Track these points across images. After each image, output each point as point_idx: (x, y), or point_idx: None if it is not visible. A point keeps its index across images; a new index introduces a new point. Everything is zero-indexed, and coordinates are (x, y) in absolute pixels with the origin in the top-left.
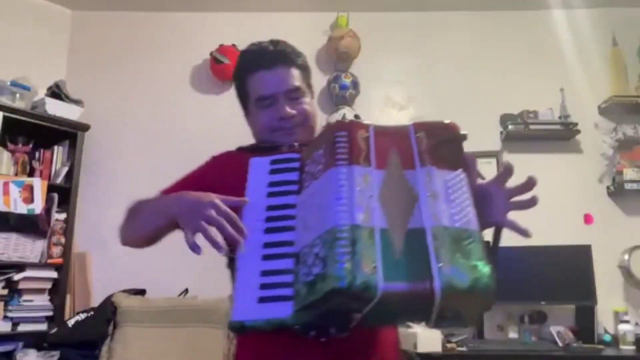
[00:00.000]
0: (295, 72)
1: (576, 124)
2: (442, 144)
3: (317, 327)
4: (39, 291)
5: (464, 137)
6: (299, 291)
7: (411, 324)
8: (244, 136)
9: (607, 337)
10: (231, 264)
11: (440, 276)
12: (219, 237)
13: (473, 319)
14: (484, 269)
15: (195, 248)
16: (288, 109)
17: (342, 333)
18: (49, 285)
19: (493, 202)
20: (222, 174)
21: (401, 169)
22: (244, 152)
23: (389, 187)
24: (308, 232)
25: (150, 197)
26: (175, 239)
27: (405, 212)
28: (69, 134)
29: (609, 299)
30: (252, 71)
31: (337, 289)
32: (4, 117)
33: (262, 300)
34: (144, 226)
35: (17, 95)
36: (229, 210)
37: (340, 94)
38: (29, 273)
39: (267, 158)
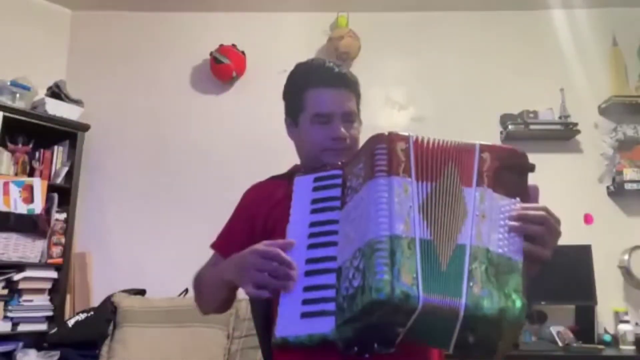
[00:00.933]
0: (353, 98)
1: (576, 124)
2: (506, 169)
3: (360, 343)
4: (39, 291)
5: (532, 168)
6: (341, 305)
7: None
8: (244, 136)
9: (607, 337)
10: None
11: (468, 296)
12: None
13: (497, 351)
14: (517, 300)
15: (261, 295)
16: (343, 131)
17: (387, 349)
18: (49, 285)
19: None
20: (255, 203)
21: (459, 184)
22: (275, 180)
23: (438, 200)
24: (350, 245)
25: (206, 267)
26: (175, 239)
27: (454, 226)
28: (69, 134)
29: (609, 299)
30: (314, 85)
31: (377, 301)
32: (4, 117)
33: (305, 315)
34: (213, 300)
35: (17, 95)
36: (272, 250)
37: None
38: (29, 273)
39: (310, 176)
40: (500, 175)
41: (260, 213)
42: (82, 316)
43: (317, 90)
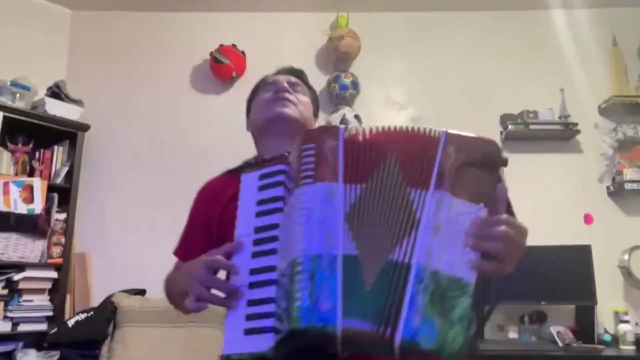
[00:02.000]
0: (302, 86)
1: (576, 124)
2: (473, 165)
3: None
4: (39, 291)
5: (505, 162)
6: (277, 323)
7: None
8: (245, 136)
9: (607, 337)
10: None
11: (405, 327)
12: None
13: None
14: (459, 333)
15: (193, 308)
16: (286, 85)
17: None
18: (49, 285)
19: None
20: (209, 204)
21: (402, 184)
22: (228, 176)
23: (371, 205)
24: (283, 258)
25: (172, 272)
26: (175, 239)
27: (391, 237)
28: (69, 134)
29: (609, 299)
30: (266, 77)
31: (297, 330)
32: (4, 117)
33: (248, 332)
34: (182, 307)
35: (17, 95)
36: (214, 261)
37: (340, 94)
38: (29, 273)
39: (256, 173)
40: (466, 173)
41: (214, 214)
42: (82, 316)
43: (269, 77)
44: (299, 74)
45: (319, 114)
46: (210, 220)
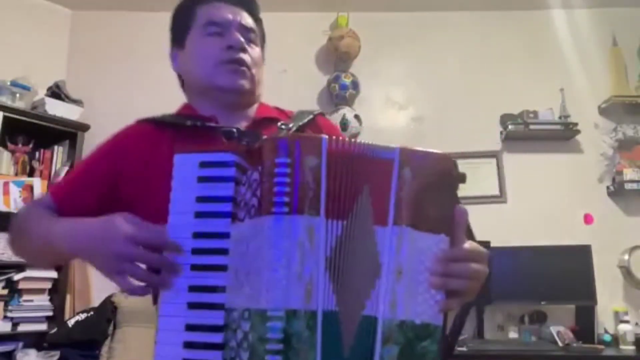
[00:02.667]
0: (253, 21)
1: (576, 124)
2: (430, 189)
3: None
4: (39, 291)
5: (463, 179)
6: None
7: None
8: None
9: (607, 337)
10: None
11: None
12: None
13: None
14: None
15: (140, 292)
16: (242, 39)
17: None
18: (49, 285)
19: None
20: (126, 158)
21: (371, 223)
22: (159, 130)
23: (348, 249)
24: (240, 288)
25: (37, 212)
26: None
27: (364, 289)
28: (69, 134)
29: (609, 299)
30: (208, 2)
31: None
32: (4, 117)
33: None
34: (39, 257)
35: (17, 95)
36: (149, 239)
37: (340, 94)
38: (29, 273)
39: (194, 156)
40: (423, 199)
41: (129, 175)
42: (82, 316)
43: (211, 4)
44: (254, 10)
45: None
46: (119, 180)
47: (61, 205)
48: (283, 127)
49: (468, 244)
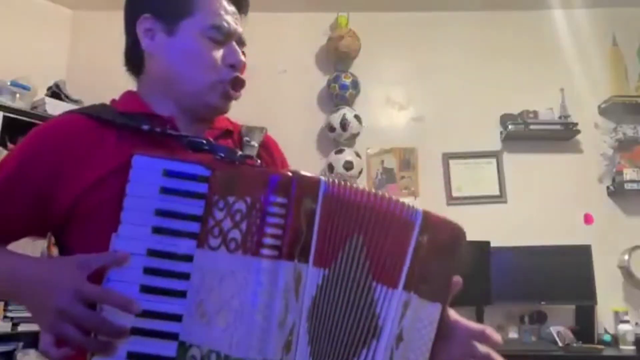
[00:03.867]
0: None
1: (576, 124)
2: (441, 259)
3: None
4: None
5: (467, 250)
6: None
7: None
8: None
9: (607, 337)
10: None
11: None
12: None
13: None
14: None
15: (59, 357)
16: (244, 59)
17: None
18: None
19: (456, 341)
20: (62, 162)
21: (370, 278)
22: (98, 124)
23: (338, 302)
24: (204, 324)
25: None
26: None
27: (349, 345)
28: None
29: (609, 299)
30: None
31: None
32: (4, 117)
33: None
34: None
35: (17, 95)
36: (100, 295)
37: (340, 94)
38: None
39: (159, 162)
40: (432, 268)
41: (67, 182)
42: None
43: (218, 12)
44: (248, 7)
45: None
46: (55, 190)
47: None
48: (249, 143)
49: (482, 327)
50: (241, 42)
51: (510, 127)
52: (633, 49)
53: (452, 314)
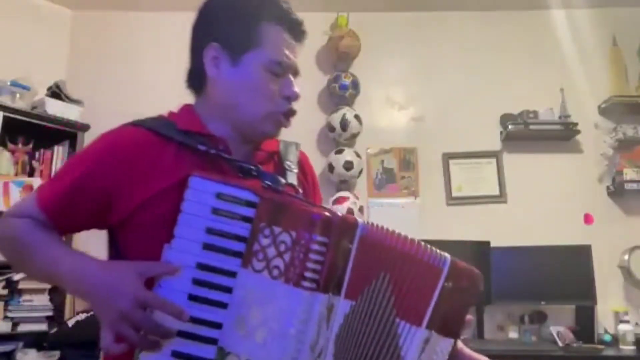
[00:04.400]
0: None
1: (576, 124)
2: (461, 303)
3: None
4: (39, 291)
5: (481, 297)
6: None
7: None
8: None
9: (607, 337)
10: None
11: None
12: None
13: None
14: None
15: (117, 352)
16: (298, 91)
17: None
18: (49, 285)
19: None
20: (126, 173)
21: (394, 314)
22: (161, 139)
23: (357, 329)
24: (243, 337)
25: (31, 229)
26: None
27: None
28: (69, 134)
29: (609, 299)
30: (277, 23)
31: None
32: (4, 117)
33: None
34: (36, 277)
35: (17, 95)
36: (155, 302)
37: (340, 94)
38: None
39: (213, 185)
40: (452, 310)
41: (130, 189)
42: (82, 316)
43: (281, 32)
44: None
45: None
46: (116, 199)
47: (53, 221)
48: (290, 169)
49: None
50: (296, 73)
51: (510, 127)
52: (633, 49)
53: (458, 342)
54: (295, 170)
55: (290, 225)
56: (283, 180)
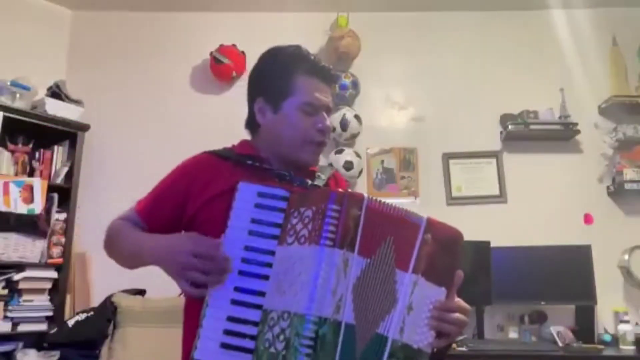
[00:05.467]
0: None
1: (576, 124)
2: (443, 253)
3: None
4: (39, 291)
5: (465, 251)
6: (260, 354)
7: None
8: (244, 136)
9: (607, 337)
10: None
11: None
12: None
13: None
14: None
15: (198, 294)
16: (329, 123)
17: None
18: (49, 285)
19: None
20: (197, 184)
21: (393, 266)
22: (220, 160)
23: (372, 279)
24: (280, 295)
25: (126, 224)
26: None
27: (379, 313)
28: (69, 134)
29: (609, 299)
30: (307, 73)
31: None
32: (4, 117)
33: (224, 346)
34: (130, 264)
35: (17, 95)
36: (205, 253)
37: (340, 94)
38: (29, 273)
39: (255, 187)
40: (436, 259)
41: (197, 194)
42: (82, 316)
43: (310, 80)
44: (332, 86)
45: None
46: (190, 197)
47: (146, 221)
48: (318, 176)
49: (459, 301)
50: (328, 110)
51: (510, 127)
52: (633, 49)
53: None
54: (323, 178)
55: (312, 204)
56: (310, 182)
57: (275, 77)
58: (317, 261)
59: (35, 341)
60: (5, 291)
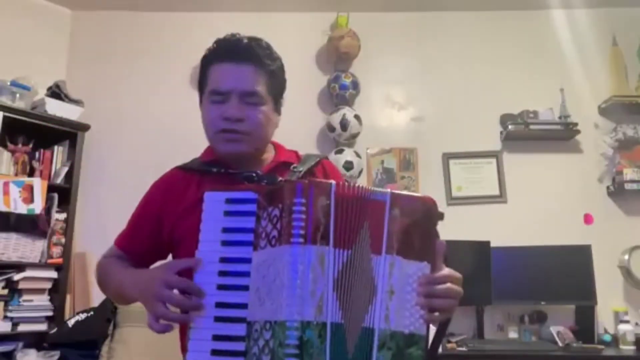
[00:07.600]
0: (261, 77)
1: (576, 124)
2: (415, 226)
3: None
4: (39, 291)
5: (441, 216)
6: None
7: None
8: None
9: (607, 337)
10: None
11: None
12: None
13: None
14: None
15: (159, 330)
16: (235, 111)
17: None
18: (49, 285)
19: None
20: (165, 202)
21: (369, 252)
22: (185, 173)
23: (352, 272)
24: (261, 305)
25: (111, 261)
26: None
27: (363, 305)
28: (69, 134)
29: (609, 299)
30: (217, 61)
31: None
32: (4, 117)
33: None
34: (120, 301)
35: (17, 95)
36: (180, 282)
37: (340, 94)
38: (29, 273)
39: (221, 194)
40: (410, 233)
41: (168, 214)
42: (82, 316)
43: (220, 66)
44: (262, 64)
45: (284, 94)
46: (163, 220)
47: (128, 253)
48: (294, 169)
49: (446, 270)
50: (247, 95)
51: (510, 127)
52: (633, 49)
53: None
54: (301, 170)
55: (279, 201)
56: (280, 178)
57: (200, 70)
58: (291, 262)
59: (35, 341)
60: (5, 291)
